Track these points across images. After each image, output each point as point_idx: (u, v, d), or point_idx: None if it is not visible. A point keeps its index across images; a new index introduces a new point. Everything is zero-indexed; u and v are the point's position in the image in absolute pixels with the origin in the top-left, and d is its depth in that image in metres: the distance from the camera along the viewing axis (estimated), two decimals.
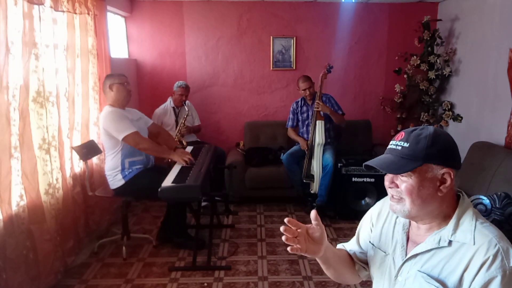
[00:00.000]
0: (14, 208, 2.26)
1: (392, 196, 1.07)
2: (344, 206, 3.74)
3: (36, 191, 2.43)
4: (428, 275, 1.02)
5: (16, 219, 2.28)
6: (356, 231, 1.33)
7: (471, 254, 0.97)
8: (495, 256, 0.94)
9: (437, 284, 0.99)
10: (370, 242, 1.25)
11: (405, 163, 1.00)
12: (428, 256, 1.04)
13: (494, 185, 2.96)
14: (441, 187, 1.02)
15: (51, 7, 2.58)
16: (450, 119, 4.11)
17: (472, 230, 1.00)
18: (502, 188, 2.66)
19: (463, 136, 3.96)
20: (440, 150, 1.01)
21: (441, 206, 1.04)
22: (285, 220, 1.09)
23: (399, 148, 1.04)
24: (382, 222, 1.23)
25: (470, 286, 0.95)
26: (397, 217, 1.18)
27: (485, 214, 1.38)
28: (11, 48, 2.18)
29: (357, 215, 3.75)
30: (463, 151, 3.59)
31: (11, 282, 2.20)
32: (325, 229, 1.12)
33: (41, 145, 2.51)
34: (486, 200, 1.35)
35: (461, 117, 4.00)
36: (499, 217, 1.29)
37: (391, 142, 1.08)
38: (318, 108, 3.73)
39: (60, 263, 2.67)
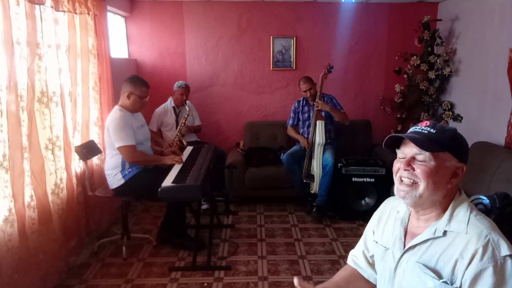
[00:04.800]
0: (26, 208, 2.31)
1: (402, 181, 1.09)
2: (344, 206, 3.74)
3: (44, 191, 2.46)
4: (425, 265, 1.05)
5: (28, 219, 2.31)
6: (363, 234, 1.38)
7: (464, 244, 1.00)
8: (485, 247, 0.97)
9: (433, 274, 1.02)
10: (374, 240, 1.29)
11: (432, 144, 1.04)
12: (425, 247, 1.08)
13: (494, 185, 2.96)
14: (452, 179, 1.07)
15: (52, 7, 2.58)
16: (450, 119, 4.11)
17: (466, 220, 1.04)
18: (502, 188, 2.66)
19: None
20: (461, 146, 1.08)
21: (445, 198, 1.08)
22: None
23: (426, 132, 1.08)
24: (384, 222, 1.27)
25: (463, 276, 0.98)
26: (397, 213, 1.22)
27: (485, 214, 1.38)
28: (16, 48, 2.20)
29: (357, 215, 3.77)
30: None
31: (23, 282, 2.23)
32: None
33: (47, 145, 2.53)
34: (486, 200, 1.35)
35: (461, 117, 4.00)
36: (499, 217, 1.29)
37: (414, 127, 1.12)
38: (318, 106, 3.73)
39: (64, 262, 2.69)
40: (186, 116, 3.93)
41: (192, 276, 2.77)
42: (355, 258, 1.37)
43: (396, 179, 1.12)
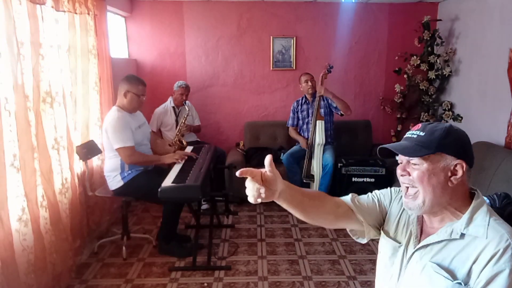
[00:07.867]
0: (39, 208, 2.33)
1: (407, 190, 1.10)
2: None
3: (52, 191, 2.48)
4: (438, 265, 1.04)
5: (42, 219, 2.33)
6: (374, 192, 1.32)
7: (482, 247, 0.98)
8: (504, 250, 0.95)
9: (446, 274, 1.01)
10: (383, 234, 1.24)
11: (419, 149, 1.05)
12: (439, 247, 1.06)
13: (494, 185, 2.96)
14: (452, 178, 1.05)
15: (52, 7, 2.58)
16: (450, 119, 4.11)
17: (486, 225, 1.01)
18: (502, 188, 2.66)
19: None
20: (453, 142, 1.06)
21: (452, 199, 1.07)
22: (237, 173, 1.00)
23: (415, 136, 1.09)
24: (397, 214, 1.23)
25: (478, 277, 0.96)
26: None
27: None
28: (21, 48, 2.20)
29: None
30: None
31: (39, 281, 2.25)
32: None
33: (53, 145, 2.54)
34: (486, 200, 1.35)
35: (461, 117, 4.00)
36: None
37: (408, 132, 1.14)
38: (321, 92, 3.75)
39: (73, 261, 2.72)
40: (186, 116, 3.93)
41: (192, 276, 2.77)
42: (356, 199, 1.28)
43: (402, 188, 1.13)
